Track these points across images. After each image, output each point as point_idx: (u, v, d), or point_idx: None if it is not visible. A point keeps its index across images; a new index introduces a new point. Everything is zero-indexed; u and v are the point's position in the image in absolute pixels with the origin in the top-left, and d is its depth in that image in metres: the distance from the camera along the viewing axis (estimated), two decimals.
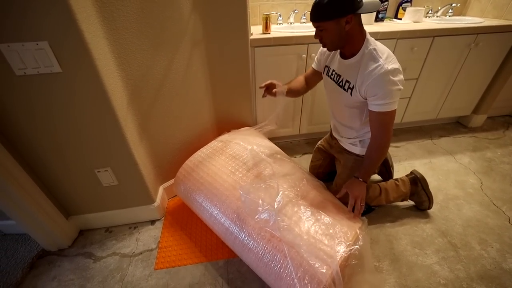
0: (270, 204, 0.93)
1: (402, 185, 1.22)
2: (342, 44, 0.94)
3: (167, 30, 1.03)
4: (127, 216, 1.26)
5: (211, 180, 1.10)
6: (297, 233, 0.86)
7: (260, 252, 0.88)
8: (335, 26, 0.86)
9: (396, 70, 0.87)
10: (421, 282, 0.99)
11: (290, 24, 1.72)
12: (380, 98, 0.89)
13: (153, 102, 1.12)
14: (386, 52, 0.91)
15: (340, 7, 0.82)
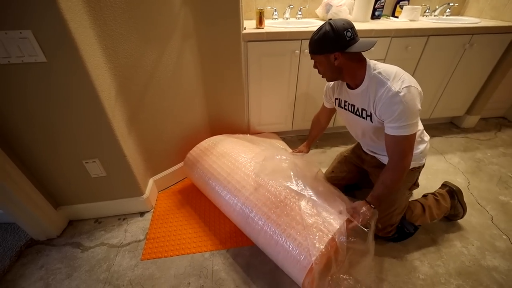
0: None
1: (442, 199, 1.15)
2: (337, 76, 0.96)
3: (156, 23, 1.03)
4: (116, 207, 1.27)
5: (231, 152, 1.23)
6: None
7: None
8: (325, 60, 0.90)
9: (407, 89, 0.82)
10: (401, 277, 1.01)
11: (285, 19, 1.71)
12: (393, 120, 0.85)
13: (142, 95, 1.12)
14: (393, 72, 0.87)
15: (326, 45, 0.86)
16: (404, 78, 0.85)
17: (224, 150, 1.26)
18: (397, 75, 0.86)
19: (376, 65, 0.91)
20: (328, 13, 1.66)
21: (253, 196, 1.03)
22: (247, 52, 1.39)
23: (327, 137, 1.90)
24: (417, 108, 0.84)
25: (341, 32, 0.83)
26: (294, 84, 1.58)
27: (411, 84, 0.83)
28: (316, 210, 0.94)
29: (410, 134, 0.86)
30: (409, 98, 0.82)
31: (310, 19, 1.77)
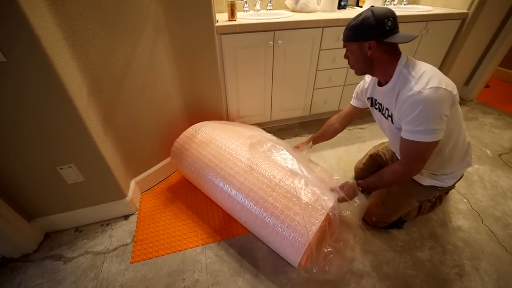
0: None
1: (438, 202, 1.18)
2: (368, 69, 0.89)
3: (126, 17, 0.99)
4: (98, 213, 1.21)
5: (220, 138, 1.22)
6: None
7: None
8: (357, 49, 0.84)
9: (434, 90, 0.73)
10: (382, 246, 1.10)
11: (256, 11, 1.72)
12: (409, 123, 0.78)
13: (117, 92, 1.07)
14: (422, 69, 0.78)
15: (362, 31, 0.80)
16: (432, 77, 0.75)
17: (213, 136, 1.24)
18: (426, 74, 0.77)
19: (408, 62, 0.83)
20: (297, 4, 1.70)
21: (248, 181, 1.04)
22: (222, 45, 1.39)
23: (306, 125, 1.97)
24: (441, 113, 0.74)
25: (382, 19, 0.76)
26: (270, 75, 1.61)
27: (441, 86, 0.74)
28: (311, 189, 0.98)
29: (426, 141, 0.77)
30: (432, 99, 0.73)
31: (280, 10, 1.80)
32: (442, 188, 1.02)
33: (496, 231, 1.16)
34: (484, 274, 1.00)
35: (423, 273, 1.01)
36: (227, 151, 1.15)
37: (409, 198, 1.05)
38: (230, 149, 1.16)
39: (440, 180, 0.99)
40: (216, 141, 1.21)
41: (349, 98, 1.95)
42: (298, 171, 1.05)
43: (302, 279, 0.99)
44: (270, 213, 0.95)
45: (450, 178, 1.00)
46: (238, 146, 1.17)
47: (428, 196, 1.06)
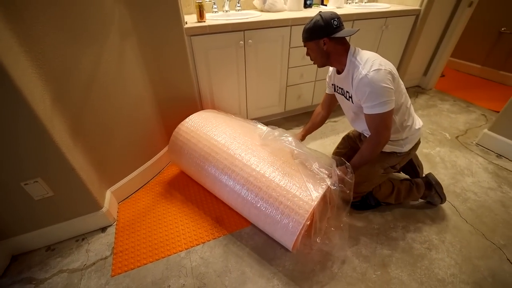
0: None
1: (416, 189, 1.23)
2: (326, 61, 1.05)
3: (88, 20, 0.94)
4: (72, 228, 1.14)
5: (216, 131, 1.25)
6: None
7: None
8: (315, 46, 1.01)
9: (376, 71, 0.91)
10: (361, 230, 1.17)
11: (225, 11, 1.73)
12: (365, 101, 0.95)
13: (84, 100, 1.02)
14: (366, 57, 0.96)
15: (316, 32, 0.98)
16: (375, 62, 0.93)
17: (209, 127, 1.27)
18: (369, 60, 0.95)
19: (355, 52, 1.00)
20: (265, 4, 1.74)
21: (244, 172, 1.09)
22: (192, 47, 1.37)
23: (282, 122, 2.01)
24: (385, 87, 0.91)
25: (329, 20, 0.95)
26: (243, 74, 1.62)
27: (381, 67, 0.92)
28: (311, 168, 1.08)
29: (383, 112, 0.94)
30: (376, 79, 0.90)
31: (249, 10, 1.82)
32: (401, 154, 1.14)
33: (457, 206, 1.28)
34: (449, 246, 1.10)
35: (398, 251, 1.09)
36: (224, 144, 1.19)
37: (372, 165, 1.15)
38: (227, 140, 1.20)
39: (398, 145, 1.12)
40: (213, 133, 1.25)
41: (321, 93, 2.04)
42: (300, 151, 1.13)
43: (287, 271, 1.02)
44: (266, 201, 1.01)
45: (406, 143, 1.12)
46: (234, 137, 1.22)
47: (390, 163, 1.16)
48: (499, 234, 1.15)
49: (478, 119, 2.03)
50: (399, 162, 1.17)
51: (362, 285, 0.97)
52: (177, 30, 1.24)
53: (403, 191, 1.22)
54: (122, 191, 1.32)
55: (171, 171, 1.53)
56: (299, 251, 1.08)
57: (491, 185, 1.40)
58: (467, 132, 1.87)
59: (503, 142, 1.60)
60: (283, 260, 1.06)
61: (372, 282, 0.98)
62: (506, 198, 1.32)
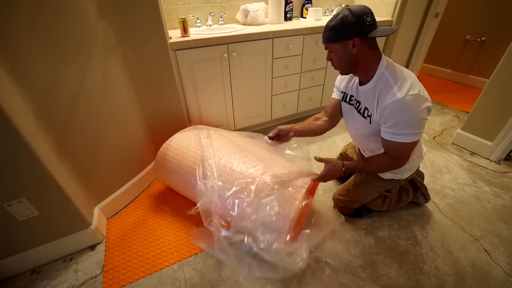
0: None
1: (405, 194, 1.22)
2: (352, 68, 0.89)
3: (72, 37, 0.96)
4: (58, 248, 1.11)
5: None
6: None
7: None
8: (341, 49, 0.83)
9: (415, 97, 0.78)
10: (349, 232, 1.21)
11: (209, 26, 1.78)
12: (391, 126, 0.83)
13: (70, 117, 1.02)
14: (403, 75, 0.82)
15: (344, 30, 0.79)
16: (413, 84, 0.80)
17: (191, 144, 1.27)
18: (407, 80, 0.81)
19: (389, 64, 0.85)
20: (247, 18, 1.81)
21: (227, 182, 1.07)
22: (177, 61, 1.41)
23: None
24: (421, 117, 0.80)
25: (361, 16, 0.77)
26: (229, 85, 1.67)
27: (420, 93, 0.79)
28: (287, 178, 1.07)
29: (410, 142, 0.83)
30: (413, 106, 0.78)
31: (232, 24, 1.89)
32: (399, 180, 1.12)
33: (437, 202, 1.36)
34: (432, 240, 1.16)
35: (385, 249, 1.13)
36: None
37: (369, 189, 1.14)
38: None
39: (399, 173, 1.08)
40: (195, 148, 1.25)
41: (306, 101, 2.12)
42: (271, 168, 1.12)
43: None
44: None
45: (407, 171, 1.09)
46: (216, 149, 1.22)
47: (387, 187, 1.14)
48: (475, 226, 1.22)
49: (452, 120, 2.17)
50: (395, 186, 1.16)
51: (353, 284, 1.00)
52: (162, 45, 1.28)
53: (394, 200, 1.22)
54: (110, 207, 1.30)
55: (160, 185, 1.53)
56: None
57: (466, 181, 1.49)
58: (443, 132, 1.99)
59: (474, 140, 1.71)
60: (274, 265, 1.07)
61: (362, 280, 1.01)
62: (480, 192, 1.41)
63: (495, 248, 1.12)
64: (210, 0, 1.79)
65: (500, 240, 1.15)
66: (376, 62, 0.86)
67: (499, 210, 1.30)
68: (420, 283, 1.00)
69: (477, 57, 2.69)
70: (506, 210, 1.30)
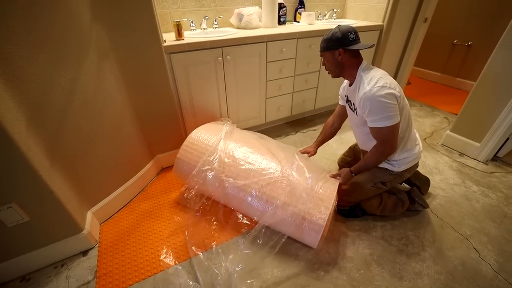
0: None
1: (401, 206, 1.27)
2: (340, 71, 1.10)
3: (66, 41, 0.95)
4: (50, 254, 1.09)
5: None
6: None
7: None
8: (330, 56, 1.07)
9: (379, 88, 0.96)
10: (344, 232, 1.23)
11: (203, 29, 1.79)
12: (368, 115, 1.02)
13: (62, 120, 1.01)
14: (371, 74, 1.01)
15: (334, 42, 1.03)
16: (380, 79, 0.98)
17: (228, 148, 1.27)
18: (375, 77, 1.00)
19: (366, 67, 1.06)
20: (241, 22, 1.83)
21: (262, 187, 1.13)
22: (172, 64, 1.41)
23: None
24: (387, 102, 0.96)
25: (346, 33, 1.01)
26: (223, 88, 1.68)
27: (385, 85, 0.96)
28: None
29: (387, 126, 0.99)
30: (377, 95, 0.96)
31: (226, 28, 1.90)
32: (393, 173, 1.17)
33: (429, 202, 1.39)
34: (424, 240, 1.19)
35: (378, 249, 1.15)
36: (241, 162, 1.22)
37: (364, 177, 1.19)
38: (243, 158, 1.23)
39: (392, 164, 1.15)
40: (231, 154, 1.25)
41: (299, 103, 2.14)
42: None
43: (275, 278, 1.04)
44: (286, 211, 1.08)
45: (400, 165, 1.14)
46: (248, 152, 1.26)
47: (381, 178, 1.18)
48: (465, 225, 1.25)
49: (442, 122, 2.23)
50: (390, 181, 1.19)
51: (347, 285, 1.01)
52: (156, 48, 1.28)
53: (389, 205, 1.26)
54: (104, 211, 1.28)
55: (155, 187, 1.52)
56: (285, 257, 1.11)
57: (456, 181, 1.53)
58: (433, 134, 2.04)
59: (463, 141, 1.76)
60: (270, 268, 1.08)
61: (357, 281, 1.03)
62: (469, 192, 1.45)
63: (484, 246, 1.15)
64: (204, 4, 1.80)
65: (488, 238, 1.19)
66: (357, 67, 1.07)
67: (487, 209, 1.34)
68: (413, 282, 1.02)
69: (464, 61, 2.78)
70: (493, 209, 1.34)
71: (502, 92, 1.50)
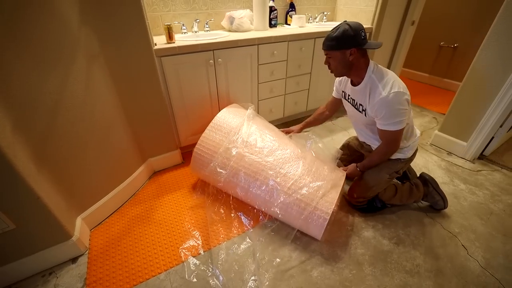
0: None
1: (416, 189, 1.30)
2: (346, 71, 1.08)
3: (53, 45, 0.94)
4: (37, 262, 1.06)
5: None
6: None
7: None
8: (340, 56, 1.02)
9: (395, 94, 0.98)
10: (336, 233, 1.24)
11: (194, 32, 1.79)
12: (381, 119, 1.04)
13: (50, 125, 0.99)
14: (385, 76, 1.02)
15: (346, 41, 0.97)
16: (394, 84, 1.00)
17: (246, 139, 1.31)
18: (389, 80, 1.01)
19: (375, 68, 1.05)
20: (232, 25, 1.83)
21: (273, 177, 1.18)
22: (163, 67, 1.40)
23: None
24: (401, 109, 1.00)
25: (358, 31, 0.96)
26: (215, 91, 1.67)
27: (400, 90, 0.99)
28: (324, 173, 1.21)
29: (396, 130, 1.04)
30: (395, 102, 0.98)
31: (217, 30, 1.91)
32: (404, 160, 1.23)
33: None
34: (414, 238, 1.21)
35: (370, 249, 1.16)
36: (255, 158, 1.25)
37: (379, 171, 1.23)
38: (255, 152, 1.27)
39: (402, 152, 1.22)
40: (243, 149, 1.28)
41: (291, 105, 2.16)
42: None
43: (268, 279, 1.04)
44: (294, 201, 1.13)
45: (409, 150, 1.22)
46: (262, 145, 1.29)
47: (395, 168, 1.23)
48: (453, 223, 1.28)
49: (430, 122, 2.28)
50: (402, 167, 1.26)
51: (340, 285, 1.02)
52: (146, 52, 1.27)
53: (405, 192, 1.30)
54: (94, 217, 1.26)
55: (146, 191, 1.50)
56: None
57: (444, 180, 1.57)
58: (422, 134, 2.08)
59: (450, 141, 1.81)
60: (263, 271, 1.08)
61: (349, 281, 1.04)
62: (457, 190, 1.49)
63: (472, 243, 1.18)
64: (195, 7, 1.80)
65: (476, 235, 1.22)
66: (366, 67, 1.06)
67: (475, 207, 1.37)
68: (404, 281, 1.03)
69: (451, 62, 2.86)
70: (480, 206, 1.38)
71: (486, 92, 1.54)
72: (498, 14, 1.40)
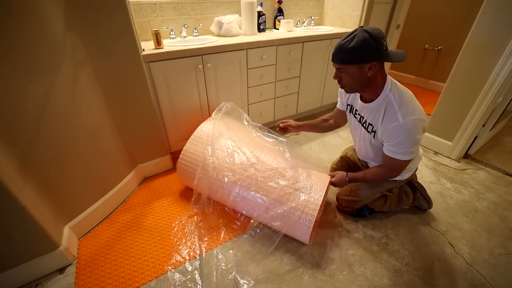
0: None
1: (405, 196, 1.28)
2: (362, 88, 0.93)
3: (36, 52, 0.93)
4: (22, 274, 1.03)
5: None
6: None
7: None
8: (357, 71, 0.84)
9: (414, 121, 0.86)
10: (328, 235, 1.25)
11: (183, 37, 1.79)
12: (393, 145, 0.93)
13: (35, 133, 0.97)
14: (405, 100, 0.89)
15: (366, 53, 0.79)
16: (413, 108, 0.88)
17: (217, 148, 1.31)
18: (408, 104, 0.88)
19: (393, 85, 0.91)
20: (221, 30, 1.85)
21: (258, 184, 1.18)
22: (151, 73, 1.40)
23: None
24: (418, 138, 0.90)
25: (380, 40, 0.78)
26: (205, 96, 1.68)
27: (419, 117, 0.87)
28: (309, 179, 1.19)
29: (404, 159, 0.94)
30: (412, 131, 0.87)
31: (206, 36, 1.91)
32: (400, 181, 1.20)
33: None
34: (403, 237, 1.23)
35: (360, 250, 1.18)
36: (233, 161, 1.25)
37: (372, 189, 1.20)
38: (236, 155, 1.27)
39: (401, 175, 1.14)
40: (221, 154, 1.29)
41: (282, 109, 2.18)
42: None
43: (260, 282, 1.04)
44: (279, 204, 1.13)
45: (407, 172, 1.16)
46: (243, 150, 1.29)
47: (388, 187, 1.21)
48: (441, 221, 1.31)
49: None
50: (396, 186, 1.23)
51: (330, 286, 1.03)
52: (134, 57, 1.26)
53: (394, 200, 1.28)
54: (82, 225, 1.24)
55: (136, 198, 1.48)
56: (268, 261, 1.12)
57: (431, 179, 1.61)
58: None
59: (436, 141, 1.86)
60: (256, 274, 1.08)
61: (340, 282, 1.05)
62: (444, 189, 1.53)
63: (458, 240, 1.21)
64: (184, 12, 1.80)
65: (462, 233, 1.25)
66: (383, 84, 0.91)
67: (460, 205, 1.41)
68: (394, 280, 1.05)
69: (435, 64, 2.94)
70: (466, 204, 1.42)
71: (468, 93, 1.60)
72: (476, 19, 1.46)
